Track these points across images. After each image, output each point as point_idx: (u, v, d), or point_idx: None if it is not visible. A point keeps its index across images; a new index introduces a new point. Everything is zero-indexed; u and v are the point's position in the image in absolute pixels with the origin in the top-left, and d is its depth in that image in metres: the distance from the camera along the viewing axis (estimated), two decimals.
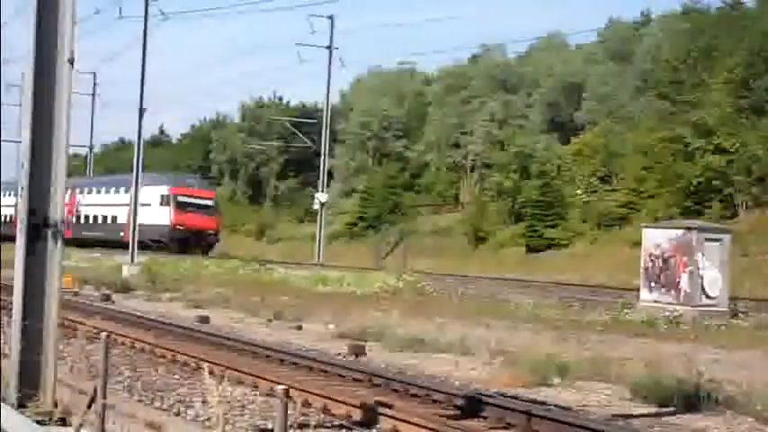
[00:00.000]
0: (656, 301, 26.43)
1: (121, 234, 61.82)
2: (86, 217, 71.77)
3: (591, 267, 50.42)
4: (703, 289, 25.96)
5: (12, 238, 11.47)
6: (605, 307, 27.38)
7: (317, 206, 59.44)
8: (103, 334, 10.32)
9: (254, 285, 34.50)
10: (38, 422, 9.58)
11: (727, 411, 13.08)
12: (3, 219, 68.12)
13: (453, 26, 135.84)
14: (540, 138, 76.19)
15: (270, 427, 11.53)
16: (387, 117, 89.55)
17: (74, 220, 69.19)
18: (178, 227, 62.88)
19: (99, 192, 72.00)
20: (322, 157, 60.85)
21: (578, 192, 64.42)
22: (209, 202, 65.78)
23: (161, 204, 63.71)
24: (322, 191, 59.88)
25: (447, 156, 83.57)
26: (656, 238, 27.23)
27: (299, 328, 23.99)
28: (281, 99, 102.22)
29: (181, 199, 64.02)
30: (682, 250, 26.25)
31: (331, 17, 59.44)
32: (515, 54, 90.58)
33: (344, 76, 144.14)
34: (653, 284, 26.84)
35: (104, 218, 69.45)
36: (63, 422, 9.97)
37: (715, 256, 26.31)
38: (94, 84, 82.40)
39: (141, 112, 45.13)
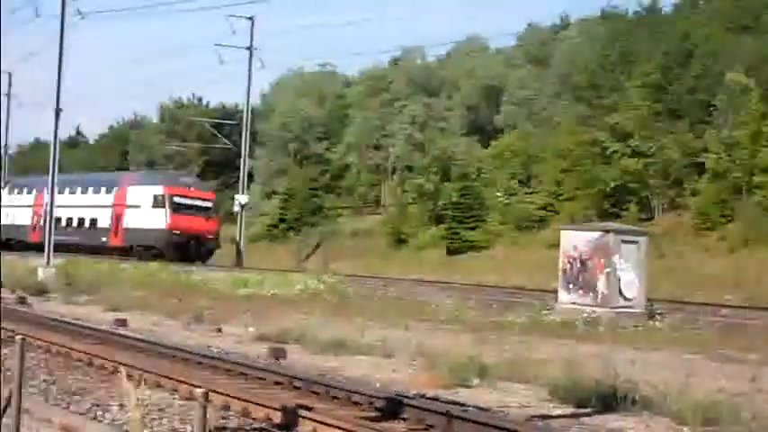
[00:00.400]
0: (573, 303, 26.63)
1: (103, 239, 58.45)
2: (58, 220, 61.88)
3: (510, 269, 50.77)
4: (620, 291, 26.21)
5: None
6: (524, 308, 27.54)
7: (237, 208, 59.06)
8: (18, 337, 10.14)
9: (172, 288, 34.18)
10: None
11: (644, 412, 13.23)
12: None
13: (374, 29, 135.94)
14: (460, 140, 76.62)
15: (189, 430, 11.43)
16: (307, 119, 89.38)
17: (41, 222, 61.60)
18: (175, 231, 55.46)
19: (72, 192, 63.21)
20: (242, 159, 60.52)
21: (498, 194, 64.85)
22: (208, 204, 58.27)
23: (154, 206, 56.57)
24: (242, 192, 59.55)
25: (368, 158, 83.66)
26: (574, 241, 27.45)
27: (219, 331, 23.83)
28: (200, 100, 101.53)
29: (177, 200, 56.53)
30: (599, 252, 26.50)
31: (251, 18, 59.18)
32: (435, 57, 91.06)
33: (265, 78, 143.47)
34: (571, 286, 27.03)
35: (81, 221, 62.05)
36: None
37: (632, 257, 26.60)
38: (9, 84, 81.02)
39: (58, 112, 44.49)
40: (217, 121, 78.43)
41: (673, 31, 62.26)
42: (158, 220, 55.83)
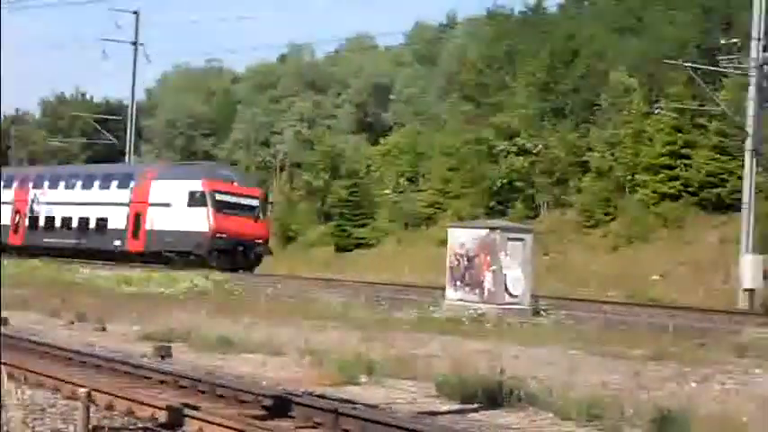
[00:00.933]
0: (461, 300, 26.80)
1: (117, 243, 49.80)
2: (50, 219, 53.90)
3: (398, 266, 51.01)
4: (506, 288, 26.45)
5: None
6: (412, 306, 27.65)
7: None
8: None
9: (54, 286, 33.53)
10: None
11: (529, 407, 13.37)
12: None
13: (261, 25, 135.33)
14: (349, 138, 76.72)
15: (72, 430, 11.21)
16: (194, 115, 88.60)
17: (27, 222, 54.49)
18: (219, 235, 46.40)
19: (69, 186, 54.24)
20: (127, 155, 59.71)
21: (387, 192, 65.09)
22: (255, 202, 49.29)
23: (191, 204, 47.61)
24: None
25: (256, 155, 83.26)
26: (461, 238, 27.63)
27: (104, 329, 23.44)
28: (83, 95, 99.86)
29: (220, 197, 47.50)
30: (486, 250, 26.71)
31: (136, 12, 58.45)
32: (324, 54, 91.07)
33: (151, 73, 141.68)
34: (458, 283, 27.21)
35: (83, 221, 52.35)
36: None
37: (518, 255, 26.87)
38: None
39: None
40: (101, 116, 77.25)
41: (558, 32, 63.20)
42: (197, 221, 46.83)
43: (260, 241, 47.89)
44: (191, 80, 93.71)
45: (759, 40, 37.28)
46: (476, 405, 13.59)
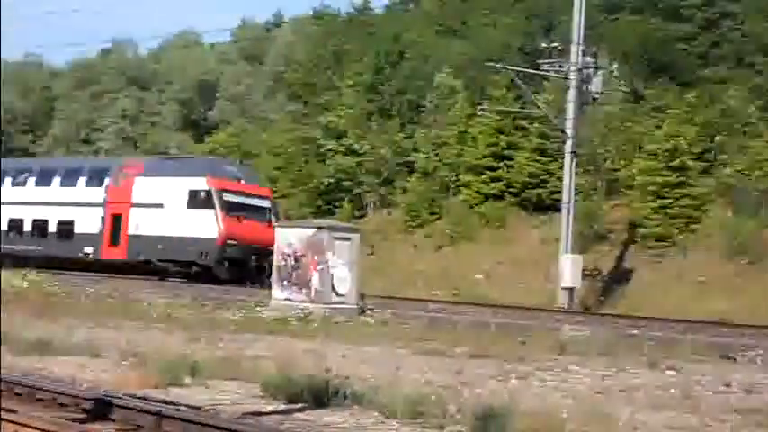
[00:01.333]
0: (288, 299, 26.79)
1: (87, 250, 43.35)
2: (19, 222, 45.89)
3: None
4: (333, 287, 26.56)
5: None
6: (239, 306, 27.47)
7: None
8: None
9: None
10: None
11: (355, 406, 13.38)
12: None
13: (82, 19, 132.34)
14: (173, 135, 75.71)
15: None
16: (11, 110, 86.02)
17: None
18: (230, 242, 39.85)
19: (21, 183, 47.03)
20: None
21: None
22: (266, 203, 42.76)
23: (192, 206, 40.76)
24: None
25: (76, 152, 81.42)
26: (289, 237, 27.61)
27: None
28: None
29: (228, 197, 40.80)
30: (313, 249, 26.74)
31: None
32: (147, 50, 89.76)
33: None
34: (285, 283, 27.19)
35: (40, 225, 45.18)
36: None
37: (345, 254, 26.99)
38: None
39: None
40: None
41: (384, 32, 63.70)
42: (202, 225, 40.06)
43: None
44: (7, 74, 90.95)
45: (579, 44, 38.29)
46: (301, 405, 13.53)
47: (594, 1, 47.65)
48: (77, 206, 43.91)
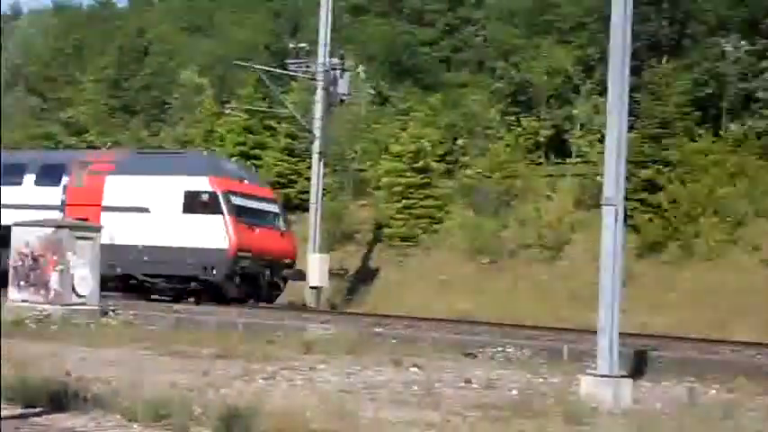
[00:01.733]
0: (25, 301, 25.89)
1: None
2: None
3: None
4: (74, 288, 25.81)
5: None
6: None
7: None
8: None
9: None
10: None
11: (96, 409, 12.96)
12: None
13: None
14: None
15: None
16: None
17: None
18: (243, 254, 33.14)
19: None
20: None
21: None
22: (275, 208, 36.22)
23: (189, 210, 33.77)
24: None
25: None
26: (26, 237, 26.64)
27: None
28: None
29: (236, 201, 34.02)
30: (52, 249, 25.89)
31: None
32: None
33: None
34: (22, 284, 26.24)
35: None
36: None
37: (86, 254, 26.25)
38: None
39: None
40: None
41: (127, 27, 62.51)
42: (206, 234, 33.17)
43: (288, 261, 35.02)
44: None
45: (326, 45, 38.60)
46: (39, 410, 13.00)
47: (341, 3, 48.14)
48: (25, 209, 33.49)
